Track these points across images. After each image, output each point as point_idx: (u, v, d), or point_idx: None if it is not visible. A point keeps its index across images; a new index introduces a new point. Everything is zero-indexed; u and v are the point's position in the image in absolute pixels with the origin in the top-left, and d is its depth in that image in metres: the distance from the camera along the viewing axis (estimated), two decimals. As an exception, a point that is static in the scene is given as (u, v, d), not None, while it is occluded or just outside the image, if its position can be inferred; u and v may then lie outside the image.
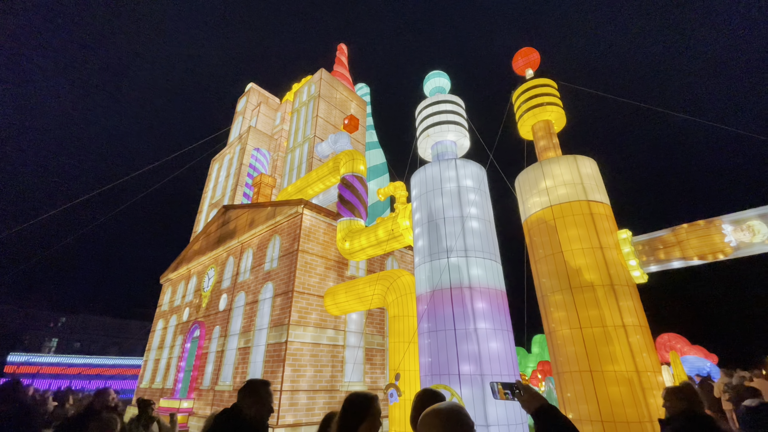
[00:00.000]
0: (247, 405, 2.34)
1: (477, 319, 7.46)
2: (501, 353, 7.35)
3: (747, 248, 7.64)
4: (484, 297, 7.72)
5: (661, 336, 17.15)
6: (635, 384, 7.20)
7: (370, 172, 20.90)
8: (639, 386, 7.18)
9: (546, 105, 11.04)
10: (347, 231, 11.77)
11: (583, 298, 8.13)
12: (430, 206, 8.76)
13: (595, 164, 9.72)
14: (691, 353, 15.84)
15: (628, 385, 7.18)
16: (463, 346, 7.25)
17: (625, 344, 7.51)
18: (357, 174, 12.79)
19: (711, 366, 14.65)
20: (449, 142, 10.27)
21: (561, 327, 8.33)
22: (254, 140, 24.25)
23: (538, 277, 9.25)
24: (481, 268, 7.98)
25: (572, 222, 8.89)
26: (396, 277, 10.19)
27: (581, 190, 9.16)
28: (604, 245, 8.53)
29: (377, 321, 13.36)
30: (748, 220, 7.66)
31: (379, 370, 12.59)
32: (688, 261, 7.98)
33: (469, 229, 8.32)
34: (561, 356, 8.18)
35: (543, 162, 9.92)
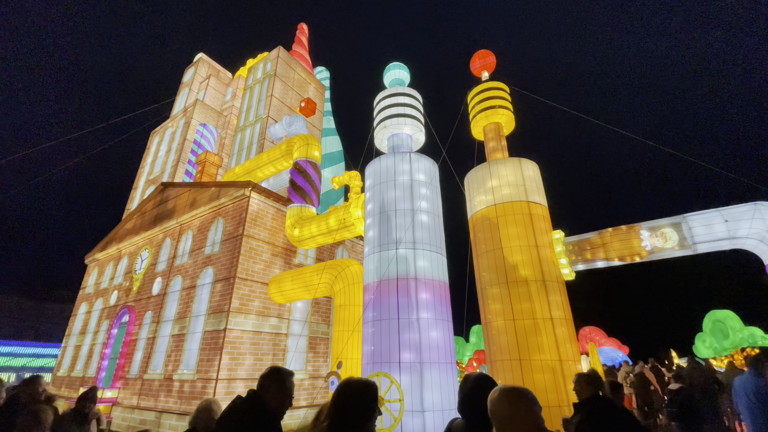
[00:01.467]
0: (272, 394, 2.06)
1: (420, 309, 7.68)
2: (440, 342, 7.63)
3: (659, 252, 8.64)
4: (428, 288, 7.95)
5: (583, 329, 18.93)
6: (558, 372, 7.84)
7: (326, 159, 20.46)
8: (561, 374, 7.84)
9: (498, 108, 11.48)
10: (297, 218, 11.47)
11: (517, 292, 8.67)
12: (382, 197, 8.80)
13: (536, 167, 10.33)
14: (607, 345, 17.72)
15: (552, 373, 7.81)
16: (405, 335, 7.43)
17: (552, 335, 8.15)
18: (311, 160, 12.45)
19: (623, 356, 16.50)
20: (405, 135, 10.33)
21: (496, 318, 8.82)
22: (201, 115, 22.64)
23: (479, 270, 9.69)
24: (427, 260, 8.19)
25: (513, 221, 9.41)
26: (345, 266, 10.12)
27: (523, 192, 9.70)
28: (539, 244, 9.14)
29: (323, 310, 13.24)
30: (662, 227, 8.65)
31: (322, 359, 12.52)
32: (610, 261, 8.85)
33: (419, 222, 8.48)
34: (495, 345, 8.69)
35: (491, 162, 10.33)
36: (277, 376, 2.11)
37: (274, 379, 2.10)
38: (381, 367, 7.37)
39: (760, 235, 8.17)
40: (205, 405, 3.00)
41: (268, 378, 2.11)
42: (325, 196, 19.30)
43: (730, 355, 17.24)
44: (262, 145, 16.85)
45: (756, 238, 8.24)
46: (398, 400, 6.51)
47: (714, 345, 17.42)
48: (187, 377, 10.37)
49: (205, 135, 20.56)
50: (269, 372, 2.14)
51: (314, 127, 20.04)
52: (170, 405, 10.45)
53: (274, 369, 2.16)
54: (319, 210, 18.18)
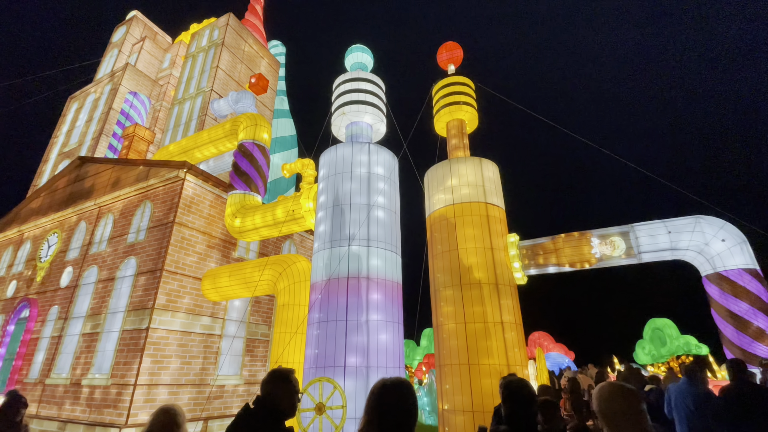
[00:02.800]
0: (285, 396, 2.20)
1: (370, 311, 7.76)
2: (389, 345, 7.76)
3: (608, 260, 9.46)
4: (380, 288, 8.05)
5: (532, 334, 20.26)
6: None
7: (276, 144, 19.94)
8: (507, 378, 8.31)
9: (462, 104, 11.88)
10: (239, 206, 11.16)
11: (470, 295, 9.08)
12: (337, 189, 8.77)
13: (496, 168, 10.84)
14: (554, 350, 19.10)
15: (499, 378, 8.27)
16: (353, 338, 7.48)
17: (501, 340, 8.63)
18: (259, 142, 12.11)
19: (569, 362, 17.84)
20: (365, 125, 10.34)
21: (448, 321, 9.18)
22: (131, 82, 21.08)
23: (433, 271, 10.01)
24: (381, 259, 8.29)
25: (470, 222, 9.81)
26: (291, 262, 9.99)
27: (481, 192, 10.14)
28: (494, 246, 9.62)
29: (264, 309, 13.00)
30: (612, 235, 9.48)
31: (260, 363, 12.30)
32: (561, 267, 9.55)
33: (375, 218, 8.55)
34: (444, 349, 9.03)
35: (452, 160, 10.68)
36: (284, 378, 2.26)
37: (283, 380, 2.24)
38: (324, 372, 7.37)
39: (699, 247, 9.23)
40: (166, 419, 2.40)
41: (276, 381, 2.25)
42: (273, 184, 18.84)
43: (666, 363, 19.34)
44: (203, 122, 16.13)
45: (695, 250, 9.29)
46: (341, 407, 6.55)
47: (652, 352, 19.41)
48: (99, 382, 9.69)
49: (135, 105, 19.21)
50: (275, 376, 2.27)
51: (265, 106, 19.49)
52: (77, 414, 9.71)
53: (278, 372, 2.30)
54: (266, 199, 17.76)
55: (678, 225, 9.25)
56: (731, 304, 8.72)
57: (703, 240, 9.07)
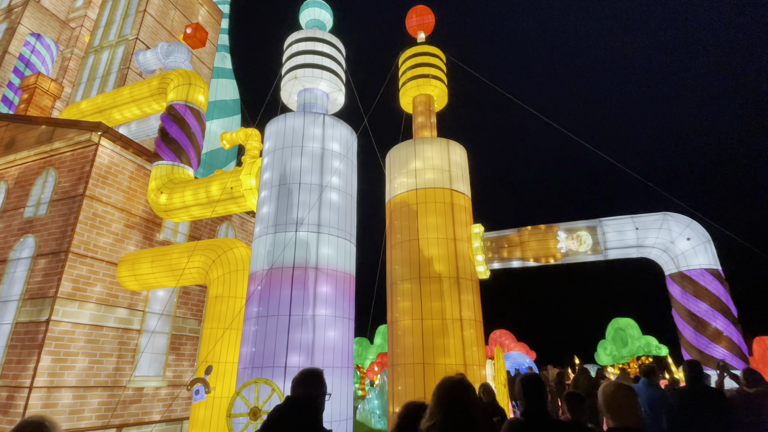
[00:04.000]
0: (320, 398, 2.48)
1: (318, 305, 7.78)
2: (338, 343, 7.83)
3: (573, 256, 10.04)
4: (330, 280, 8.07)
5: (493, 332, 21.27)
6: (461, 376, 8.70)
7: (215, 108, 19.16)
8: (464, 379, 8.72)
9: (431, 78, 11.94)
10: (167, 180, 10.82)
11: (429, 289, 9.32)
12: (284, 166, 8.61)
13: (464, 153, 11.08)
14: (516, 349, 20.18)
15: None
16: (296, 335, 7.47)
17: (459, 338, 8.98)
18: (193, 105, 11.66)
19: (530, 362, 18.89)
20: (320, 93, 10.16)
21: (404, 317, 9.40)
22: (34, 21, 19.42)
23: (391, 263, 10.17)
24: (332, 248, 8.29)
25: (433, 209, 10.01)
26: (227, 248, 9.78)
27: (447, 178, 10.34)
28: (458, 237, 9.90)
29: (194, 302, 12.76)
30: (579, 230, 10.05)
31: (187, 362, 12.10)
32: (526, 262, 10.03)
33: (327, 200, 8.50)
34: (399, 347, 9.26)
35: (417, 140, 10.79)
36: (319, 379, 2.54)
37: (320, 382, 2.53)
38: (262, 373, 7.32)
39: (665, 245, 10.02)
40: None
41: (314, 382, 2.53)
42: (209, 156, 18.16)
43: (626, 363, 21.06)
44: (125, 76, 15.29)
45: (661, 248, 10.08)
46: (279, 411, 6.57)
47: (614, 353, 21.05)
48: (-17, 386, 9.02)
49: (38, 50, 17.71)
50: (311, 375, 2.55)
51: (202, 63, 18.79)
52: (-47, 424, 9.00)
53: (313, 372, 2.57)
54: (200, 173, 17.19)
55: (646, 221, 9.96)
56: (691, 304, 9.59)
57: (669, 238, 9.84)
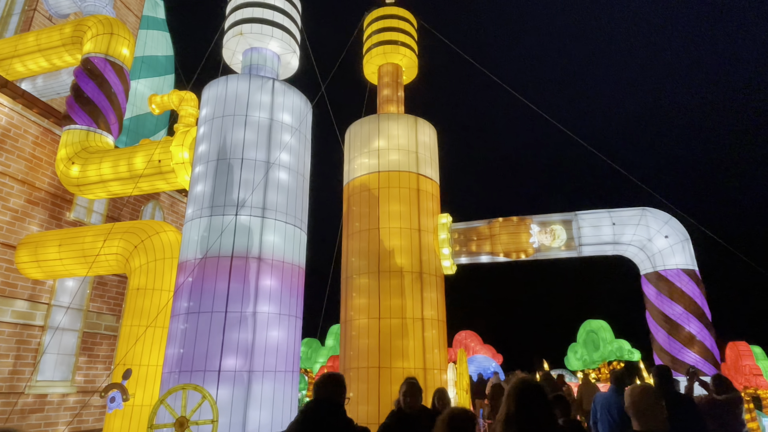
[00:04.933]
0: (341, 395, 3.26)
1: (260, 301, 7.78)
2: (282, 345, 7.86)
3: (546, 251, 10.47)
4: (276, 273, 8.06)
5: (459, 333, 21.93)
6: (419, 382, 8.84)
7: (143, 66, 18.36)
8: (423, 384, 8.76)
9: (400, 45, 11.94)
10: (80, 148, 10.61)
11: (389, 285, 9.48)
12: (224, 138, 8.46)
13: (434, 133, 11.21)
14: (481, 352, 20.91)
15: (413, 383, 8.87)
16: (233, 334, 7.46)
17: (420, 339, 9.20)
18: (114, 59, 11.34)
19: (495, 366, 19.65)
20: (270, 54, 9.99)
21: (360, 316, 9.53)
22: None
23: (347, 254, 10.24)
24: (279, 235, 8.26)
25: (397, 196, 10.11)
26: (152, 232, 9.64)
27: (414, 161, 10.45)
28: (423, 228, 10.07)
29: (112, 294, 12.66)
30: (553, 223, 10.48)
31: (102, 365, 12.03)
32: (495, 257, 10.37)
33: (275, 180, 8.45)
34: (352, 350, 9.39)
35: (382, 116, 10.83)
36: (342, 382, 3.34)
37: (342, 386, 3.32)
38: (191, 378, 7.24)
39: (642, 242, 10.61)
40: None
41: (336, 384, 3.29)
42: (134, 122, 17.47)
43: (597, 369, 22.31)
44: (30, 19, 14.49)
45: (637, 245, 10.67)
46: (211, 422, 6.50)
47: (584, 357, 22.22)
48: None
49: None
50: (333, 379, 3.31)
51: (129, 10, 18.17)
52: None
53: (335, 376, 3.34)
54: (122, 142, 16.56)
55: (623, 216, 10.50)
56: (666, 306, 10.26)
57: (646, 235, 10.42)
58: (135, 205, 13.64)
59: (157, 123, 18.15)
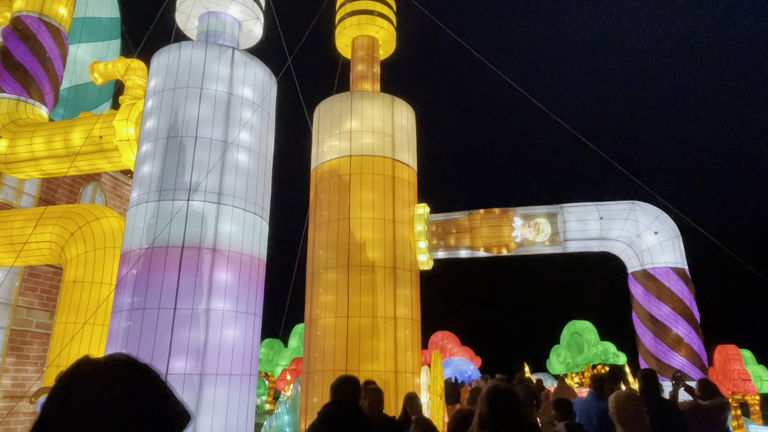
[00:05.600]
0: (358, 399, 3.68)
1: (214, 297, 7.75)
2: (238, 345, 7.84)
3: (529, 246, 10.68)
4: (234, 266, 8.03)
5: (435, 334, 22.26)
6: (390, 386, 9.01)
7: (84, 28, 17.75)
8: (394, 389, 9.03)
9: (377, 16, 11.86)
10: (8, 120, 10.47)
11: (359, 281, 9.50)
12: (176, 113, 8.35)
13: (413, 115, 11.23)
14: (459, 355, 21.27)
15: (383, 389, 8.93)
16: (183, 333, 7.41)
17: (392, 340, 9.28)
18: (50, 20, 11.09)
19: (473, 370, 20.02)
20: (231, 20, 9.88)
21: (326, 314, 9.55)
22: None
23: (314, 246, 10.23)
24: (237, 224, 8.21)
25: (370, 183, 10.12)
26: (91, 217, 9.56)
27: (390, 145, 10.46)
28: (398, 219, 10.12)
29: (45, 287, 12.51)
30: (537, 216, 10.69)
31: (32, 366, 11.84)
32: (475, 251, 10.52)
33: (233, 162, 8.38)
34: (317, 351, 9.42)
35: (355, 94, 10.80)
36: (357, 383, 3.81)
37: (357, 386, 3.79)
38: (135, 381, 7.18)
39: (630, 238, 10.91)
40: None
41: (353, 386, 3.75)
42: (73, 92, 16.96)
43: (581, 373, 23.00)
44: None
45: (625, 241, 10.97)
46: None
47: (567, 360, 22.89)
48: None
49: None
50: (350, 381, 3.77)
51: None
52: None
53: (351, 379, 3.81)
54: (58, 115, 16.10)
55: (612, 210, 10.78)
56: (653, 306, 10.62)
57: (635, 230, 10.73)
58: (72, 186, 13.46)
59: (99, 94, 17.66)
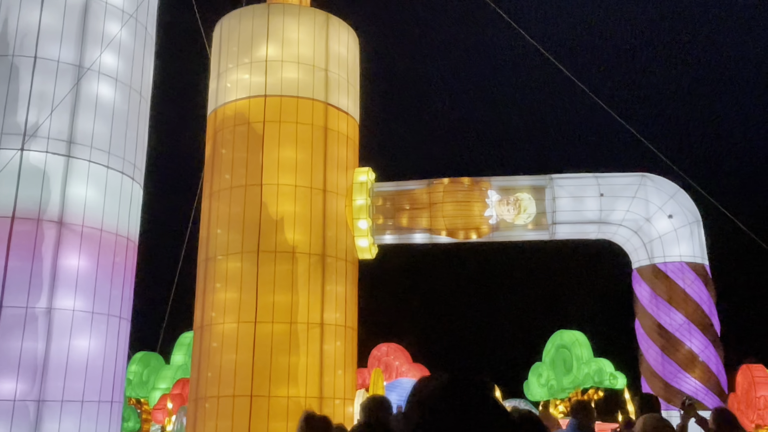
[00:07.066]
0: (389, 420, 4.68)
1: (60, 291, 7.64)
2: (95, 360, 7.69)
3: (506, 230, 10.47)
4: (90, 248, 7.89)
5: (378, 347, 22.06)
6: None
7: None
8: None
9: None
10: None
11: (272, 272, 9.12)
12: (5, 21, 7.82)
13: (356, 43, 10.69)
14: (409, 374, 21.17)
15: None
16: (12, 342, 7.33)
17: (316, 354, 8.96)
18: None
19: (428, 394, 20.12)
20: None
21: (225, 318, 9.14)
22: None
23: (209, 223, 9.77)
24: (96, 188, 7.95)
25: (292, 135, 9.66)
26: None
27: (322, 83, 9.99)
28: (330, 188, 9.73)
29: None
30: (519, 190, 10.46)
31: None
32: (435, 235, 10.14)
33: (91, 97, 8.04)
34: (212, 370, 9.02)
35: (274, 7, 10.22)
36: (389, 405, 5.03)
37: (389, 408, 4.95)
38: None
39: (637, 223, 10.90)
40: None
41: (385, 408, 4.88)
42: None
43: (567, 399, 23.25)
44: None
45: (631, 227, 10.96)
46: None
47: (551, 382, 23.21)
48: None
49: None
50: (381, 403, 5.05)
51: None
52: None
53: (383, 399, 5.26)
54: None
55: (615, 185, 10.72)
56: (662, 313, 10.70)
57: (644, 212, 10.74)
58: None
59: None
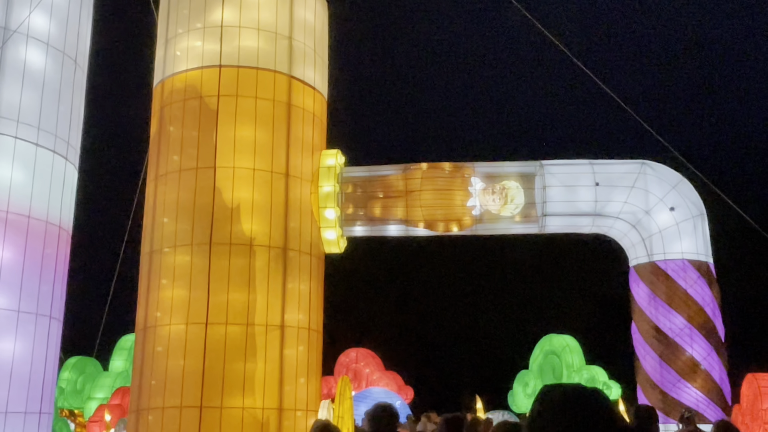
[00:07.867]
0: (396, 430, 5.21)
1: None
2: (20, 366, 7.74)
3: (491, 222, 10.60)
4: (15, 237, 8.03)
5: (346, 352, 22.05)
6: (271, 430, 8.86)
7: None
8: (277, 435, 8.96)
9: None
10: None
11: (226, 267, 9.24)
12: None
13: (324, 8, 10.78)
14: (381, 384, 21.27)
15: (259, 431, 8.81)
16: None
17: (276, 361, 9.10)
18: None
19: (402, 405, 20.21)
20: None
21: (172, 319, 9.23)
22: None
23: (154, 211, 9.78)
24: (21, 167, 8.07)
25: (251, 112, 9.74)
26: None
27: (285, 53, 10.05)
28: (294, 172, 9.85)
29: None
30: (506, 177, 10.60)
31: None
32: (411, 227, 10.31)
33: (17, 63, 8.16)
34: (156, 377, 9.08)
35: (231, -35, 10.21)
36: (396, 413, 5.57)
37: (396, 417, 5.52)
38: None
39: (636, 216, 11.15)
40: None
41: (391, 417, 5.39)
42: None
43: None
44: None
45: (629, 220, 11.20)
46: None
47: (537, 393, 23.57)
48: None
49: None
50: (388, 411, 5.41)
51: None
52: None
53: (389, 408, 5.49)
54: None
55: (612, 173, 10.95)
56: (661, 316, 10.97)
57: (644, 204, 11.00)
58: None
59: None
